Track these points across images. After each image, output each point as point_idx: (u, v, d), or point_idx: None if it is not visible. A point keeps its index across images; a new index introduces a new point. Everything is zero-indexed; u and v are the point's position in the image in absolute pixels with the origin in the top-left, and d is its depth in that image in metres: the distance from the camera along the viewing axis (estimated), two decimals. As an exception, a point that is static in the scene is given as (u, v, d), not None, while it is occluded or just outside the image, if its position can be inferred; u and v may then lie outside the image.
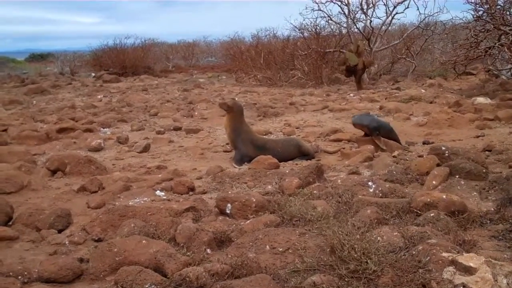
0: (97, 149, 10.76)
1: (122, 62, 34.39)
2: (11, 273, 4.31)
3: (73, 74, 35.59)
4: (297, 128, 12.43)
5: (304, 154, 9.41)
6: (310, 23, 25.74)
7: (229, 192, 6.69)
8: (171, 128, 12.99)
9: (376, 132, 9.46)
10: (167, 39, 49.19)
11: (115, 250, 4.52)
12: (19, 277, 4.30)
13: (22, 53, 68.15)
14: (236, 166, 9.07)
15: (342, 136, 10.62)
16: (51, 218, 5.90)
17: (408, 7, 23.74)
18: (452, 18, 23.36)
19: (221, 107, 10.13)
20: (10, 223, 6.02)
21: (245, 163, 9.16)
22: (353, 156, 8.83)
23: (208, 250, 4.73)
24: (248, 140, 9.50)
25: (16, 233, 5.66)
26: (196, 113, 15.35)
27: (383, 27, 24.48)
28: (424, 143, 10.01)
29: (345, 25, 24.71)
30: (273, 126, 12.95)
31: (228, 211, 5.86)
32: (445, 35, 25.65)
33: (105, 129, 13.37)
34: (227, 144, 10.63)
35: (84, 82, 29.01)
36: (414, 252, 4.16)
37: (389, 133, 9.68)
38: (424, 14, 24.16)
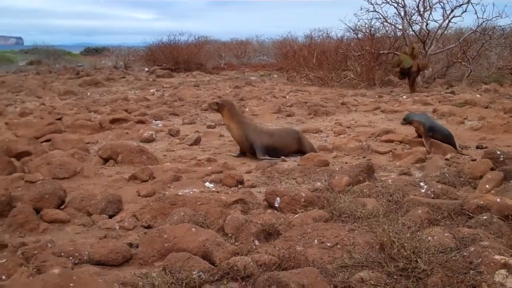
0: (149, 140, 10.89)
1: (175, 58, 34.82)
2: (62, 254, 4.40)
3: (126, 68, 36.19)
4: (348, 127, 12.33)
5: (302, 149, 9.41)
6: (365, 24, 25.56)
7: (278, 187, 6.68)
8: (222, 122, 13.03)
9: (430, 133, 9.34)
10: (220, 37, 49.69)
11: (165, 236, 4.56)
12: (70, 258, 4.38)
13: (78, 46, 69.67)
14: (263, 157, 9.02)
15: (394, 137, 10.48)
16: (102, 203, 6.01)
17: (466, 11, 23.33)
18: (511, 23, 22.79)
19: (211, 107, 10.05)
20: (63, 206, 6.15)
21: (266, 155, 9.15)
22: (405, 157, 8.71)
23: (256, 242, 4.73)
24: (258, 130, 9.53)
25: (68, 216, 5.79)
26: (247, 109, 15.38)
27: (439, 30, 24.06)
28: (477, 147, 9.81)
29: (400, 27, 24.41)
30: (323, 124, 12.88)
31: (276, 205, 5.85)
32: (503, 40, 25.04)
33: (157, 122, 13.53)
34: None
35: (137, 76, 29.45)
36: (465, 254, 4.08)
37: (445, 138, 9.49)
38: (482, 18, 23.67)
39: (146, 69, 34.50)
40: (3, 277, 4.00)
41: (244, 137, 9.37)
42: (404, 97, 18.35)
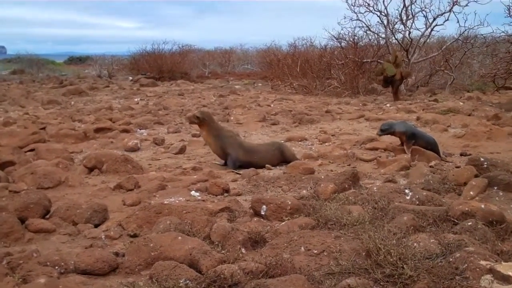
0: (134, 149, 10.86)
1: (159, 67, 34.81)
2: (48, 263, 4.37)
3: (110, 77, 36.14)
4: (332, 135, 12.38)
5: (286, 159, 9.37)
6: (348, 33, 25.69)
7: (264, 195, 6.69)
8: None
9: (412, 141, 9.40)
10: (204, 46, 49.69)
11: (151, 245, 4.55)
12: (56, 267, 4.35)
13: (62, 55, 69.38)
14: (234, 170, 8.90)
15: (378, 145, 10.53)
16: (88, 212, 5.98)
17: (448, 20, 23.55)
18: (493, 32, 23.02)
19: (190, 120, 9.74)
20: (48, 216, 6.11)
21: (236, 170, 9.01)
22: (389, 165, 8.75)
23: (243, 250, 4.72)
24: (236, 144, 9.39)
25: (53, 226, 5.75)
26: (232, 118, 15.42)
27: (422, 38, 24.24)
28: (461, 154, 9.87)
29: (383, 35, 24.57)
30: (308, 133, 12.93)
31: (263, 213, 5.86)
32: (485, 49, 25.28)
33: (141, 131, 13.51)
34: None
35: (121, 85, 29.40)
36: (451, 259, 4.12)
37: (428, 144, 9.56)
38: (464, 27, 23.90)
39: (130, 78, 34.46)
40: (-12, 287, 3.97)
41: (220, 150, 9.37)
42: (388, 105, 18.47)
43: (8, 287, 3.75)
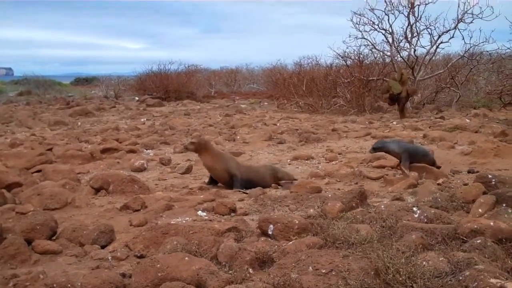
0: (140, 169, 10.87)
1: (165, 87, 34.96)
2: (55, 285, 4.35)
3: (117, 97, 36.29)
4: (339, 154, 12.36)
5: (281, 180, 9.39)
6: (354, 51, 25.76)
7: (271, 214, 6.65)
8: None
9: (408, 159, 9.36)
10: (210, 66, 49.88)
11: (158, 266, 4.52)
12: (63, 289, 4.33)
13: (69, 76, 69.84)
14: (241, 190, 8.85)
15: (386, 163, 10.47)
16: (94, 233, 5.96)
17: (453, 37, 23.52)
18: (499, 48, 23.01)
19: (188, 148, 9.59)
20: (54, 237, 6.10)
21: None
22: (397, 183, 8.72)
23: (250, 270, 4.69)
24: (238, 165, 9.45)
25: (60, 247, 5.73)
26: (238, 137, 15.43)
27: (427, 56, 24.27)
28: (469, 171, 9.82)
29: (388, 53, 24.61)
30: (315, 151, 12.91)
31: (270, 232, 5.82)
32: (491, 65, 25.28)
33: (148, 151, 13.52)
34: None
35: (127, 105, 29.50)
36: (461, 278, 4.07)
37: (423, 157, 9.57)
38: (470, 43, 23.87)
39: (137, 98, 34.57)
40: (-6, 310, 3.95)
41: (225, 173, 9.26)
42: (394, 122, 18.46)
43: (15, 309, 3.72)
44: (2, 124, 20.64)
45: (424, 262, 4.36)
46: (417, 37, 24.06)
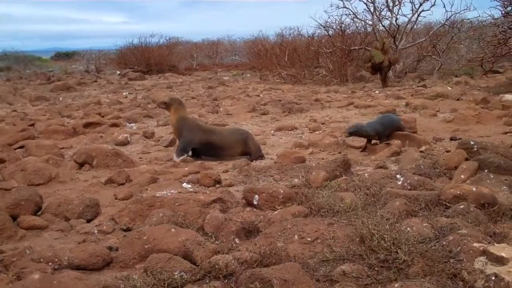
0: (124, 143, 10.83)
1: (146, 60, 34.68)
2: (41, 260, 4.36)
3: (98, 72, 35.95)
4: (322, 123, 12.39)
5: (248, 150, 9.28)
6: (335, 21, 25.62)
7: (256, 184, 6.68)
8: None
9: (384, 137, 9.34)
10: (192, 38, 49.52)
11: (144, 238, 4.54)
12: (50, 263, 4.34)
13: (49, 51, 68.89)
14: (176, 159, 8.95)
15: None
16: (79, 208, 5.96)
17: (434, 5, 23.52)
18: (479, 16, 23.03)
19: (159, 106, 9.90)
20: (40, 213, 6.08)
21: (187, 154, 9.11)
22: (380, 151, 8.76)
23: (237, 240, 4.73)
24: (196, 127, 9.37)
25: (46, 222, 5.72)
26: (221, 109, 15.40)
27: (408, 24, 24.23)
28: (451, 139, 9.88)
29: (370, 22, 24.55)
30: (298, 121, 12.93)
31: (255, 202, 5.85)
32: (472, 33, 25.33)
33: (131, 124, 13.47)
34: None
35: (109, 79, 29.27)
36: (444, 243, 4.13)
37: (396, 127, 9.64)
38: (451, 11, 23.88)
39: (118, 72, 34.25)
40: (-18, 285, 3.95)
41: (177, 131, 9.41)
42: (377, 92, 18.48)
43: (2, 284, 3.73)
44: (-17, 101, 20.42)
45: (408, 228, 4.42)
46: (398, 5, 24.03)
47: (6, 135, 11.13)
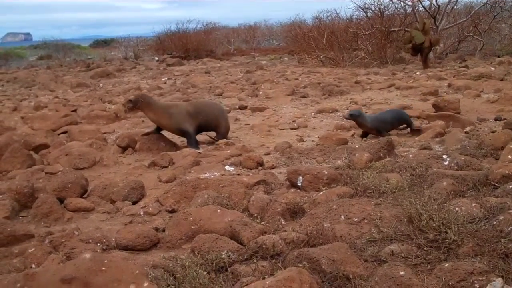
0: (165, 127, 10.86)
1: (184, 46, 34.78)
2: (90, 240, 4.42)
3: (137, 58, 36.21)
4: (363, 105, 12.28)
5: (217, 126, 9.38)
6: (374, 2, 25.31)
7: (299, 166, 6.65)
8: (237, 107, 13.07)
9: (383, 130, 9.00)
10: (228, 23, 49.52)
11: (191, 219, 4.56)
12: (98, 244, 4.40)
13: (87, 39, 69.80)
14: (200, 150, 8.52)
15: (411, 113, 10.36)
16: (125, 190, 6.03)
17: (476, -16, 22.98)
18: (523, -6, 22.52)
19: (127, 106, 9.25)
20: (85, 195, 6.17)
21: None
22: (424, 132, 8.65)
23: (282, 220, 4.72)
24: (186, 116, 8.95)
25: (92, 204, 5.82)
26: (261, 92, 15.36)
27: (449, 5, 23.81)
28: (496, 119, 9.71)
29: (410, 3, 24.18)
30: (339, 104, 12.84)
31: (299, 184, 5.82)
32: (515, 12, 24.78)
33: (171, 109, 13.50)
34: (293, 121, 10.65)
35: (148, 65, 29.45)
36: (494, 223, 4.05)
37: (397, 120, 9.30)
38: (493, -10, 23.35)
39: (156, 58, 34.50)
40: (33, 265, 4.02)
41: (176, 130, 9.03)
42: (418, 73, 18.21)
43: (54, 264, 3.78)
44: (25, 88, 20.79)
45: (457, 208, 4.35)
46: (438, -15, 23.57)
47: (49, 121, 11.33)
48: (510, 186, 4.90)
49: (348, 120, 9.36)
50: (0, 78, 24.58)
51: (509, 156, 6.31)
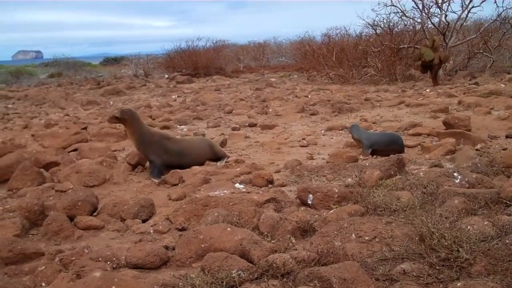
0: (175, 145, 10.88)
1: (194, 64, 34.91)
2: (100, 259, 4.40)
3: (147, 76, 36.37)
4: (373, 123, 12.26)
5: (216, 156, 9.00)
6: (383, 19, 25.39)
7: (309, 184, 6.62)
8: (246, 124, 13.07)
9: (369, 149, 8.96)
10: (238, 41, 49.77)
11: (201, 237, 4.54)
12: (108, 262, 4.38)
13: (97, 57, 70.26)
14: (156, 181, 8.01)
15: (422, 130, 10.37)
16: (135, 208, 6.03)
17: (485, 0, 22.98)
18: (533, 11, 22.48)
19: (110, 122, 9.12)
20: (95, 213, 6.18)
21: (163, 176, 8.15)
22: (434, 150, 8.62)
23: (293, 239, 4.68)
24: (161, 149, 8.52)
25: (102, 222, 5.81)
26: (270, 110, 15.38)
27: (458, 21, 23.78)
28: (507, 136, 9.66)
29: (419, 20, 24.17)
30: (348, 121, 12.81)
31: (309, 202, 5.81)
32: (525, 29, 24.71)
33: (181, 126, 13.57)
34: (303, 139, 10.63)
35: (158, 83, 29.57)
36: (507, 241, 4.02)
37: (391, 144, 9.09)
38: (502, 7, 23.37)
39: (166, 75, 34.64)
40: (43, 284, 4.02)
41: (142, 154, 8.71)
42: (428, 90, 18.20)
43: (64, 282, 3.77)
44: (36, 106, 20.90)
45: (468, 227, 4.32)
46: (447, 2, 23.57)
47: (59, 138, 11.36)
48: (523, 204, 4.87)
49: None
50: (11, 95, 24.78)
51: (521, 174, 6.29)
